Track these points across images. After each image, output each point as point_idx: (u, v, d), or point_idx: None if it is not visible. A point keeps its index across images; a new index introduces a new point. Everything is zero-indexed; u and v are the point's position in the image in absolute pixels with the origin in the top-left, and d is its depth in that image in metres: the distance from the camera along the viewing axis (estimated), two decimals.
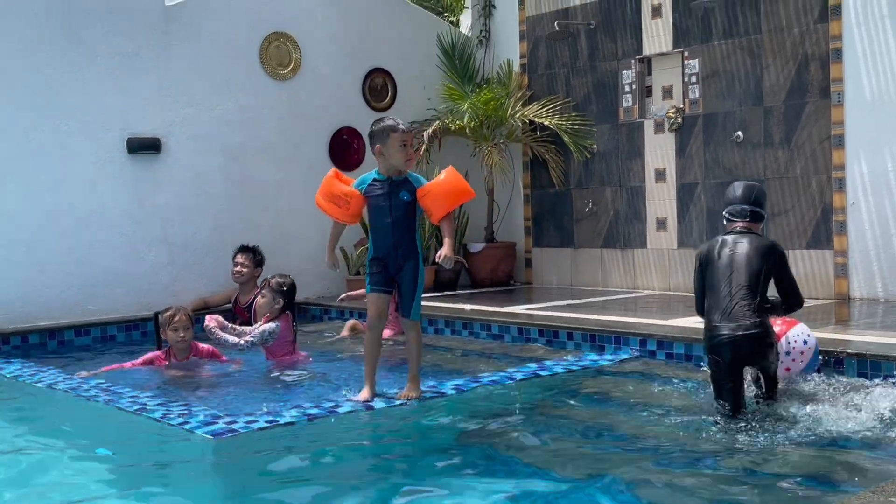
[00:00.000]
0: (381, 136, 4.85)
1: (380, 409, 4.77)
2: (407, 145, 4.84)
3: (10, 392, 5.67)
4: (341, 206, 4.93)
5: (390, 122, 4.88)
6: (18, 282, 7.35)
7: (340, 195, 4.92)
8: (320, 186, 5.00)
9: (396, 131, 4.83)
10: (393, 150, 4.82)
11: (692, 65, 8.28)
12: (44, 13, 7.50)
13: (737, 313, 4.33)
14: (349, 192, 4.91)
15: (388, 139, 4.82)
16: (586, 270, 9.16)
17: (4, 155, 7.33)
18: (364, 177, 4.99)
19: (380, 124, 4.90)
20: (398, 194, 4.87)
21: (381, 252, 4.92)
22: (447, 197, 4.93)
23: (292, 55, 8.87)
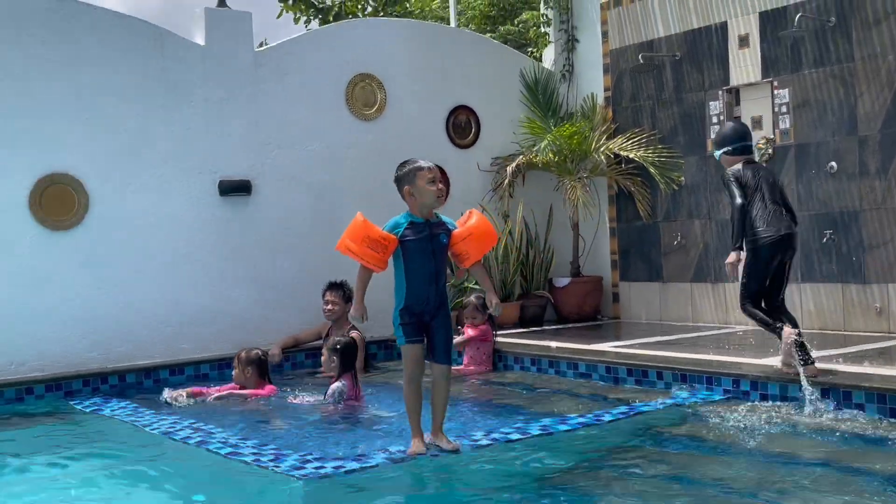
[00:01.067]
0: (408, 178, 4.73)
1: (464, 452, 4.74)
2: (436, 182, 4.72)
3: (106, 432, 5.84)
4: (379, 252, 4.69)
5: (415, 163, 4.77)
6: (116, 322, 7.59)
7: (379, 239, 4.68)
8: (348, 231, 4.75)
9: (423, 169, 4.72)
10: (422, 188, 4.69)
11: (782, 94, 8.10)
12: (142, 63, 7.79)
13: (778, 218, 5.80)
14: (387, 236, 4.69)
15: (415, 178, 4.70)
16: (676, 305, 8.99)
17: (105, 198, 7.61)
18: (395, 220, 4.78)
19: (404, 168, 4.79)
20: (439, 237, 4.74)
21: (418, 300, 4.71)
22: (483, 241, 4.84)
23: (377, 95, 9.01)
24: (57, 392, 7.01)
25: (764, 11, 8.21)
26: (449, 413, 5.87)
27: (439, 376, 4.80)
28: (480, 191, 9.58)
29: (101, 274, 7.56)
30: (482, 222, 4.84)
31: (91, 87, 7.57)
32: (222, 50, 8.21)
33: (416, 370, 4.74)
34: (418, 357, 4.75)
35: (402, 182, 4.76)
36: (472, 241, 4.78)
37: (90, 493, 4.45)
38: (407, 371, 4.77)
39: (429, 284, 4.72)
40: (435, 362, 4.80)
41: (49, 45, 7.40)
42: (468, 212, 4.93)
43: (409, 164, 4.78)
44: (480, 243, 4.82)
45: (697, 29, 8.76)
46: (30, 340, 7.21)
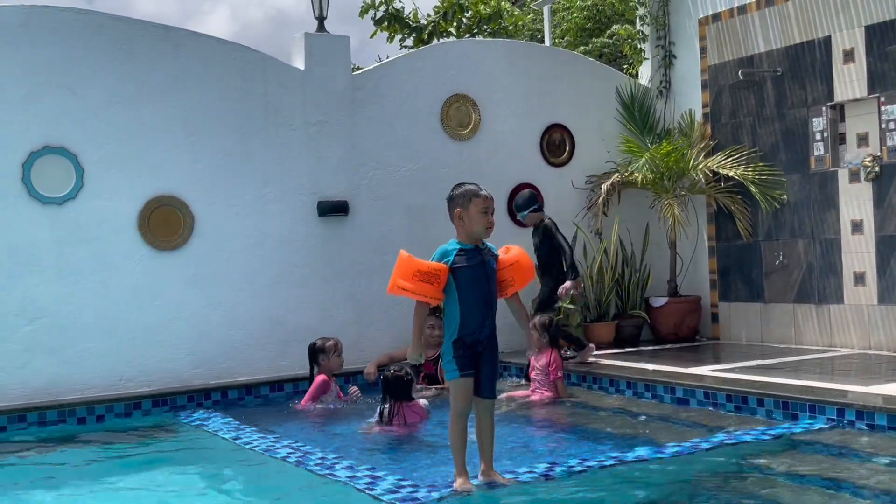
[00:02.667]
0: (462, 201, 4.60)
1: (558, 481, 4.72)
2: (489, 212, 4.58)
3: (208, 449, 6.03)
4: (433, 283, 4.53)
5: (472, 188, 4.64)
6: (219, 339, 7.83)
7: (431, 270, 4.52)
8: (397, 270, 4.60)
9: (479, 196, 4.58)
10: (474, 215, 4.56)
11: (889, 111, 7.81)
12: (244, 88, 8.04)
13: None
14: (438, 267, 4.54)
15: (469, 204, 4.57)
16: (778, 326, 8.74)
17: (209, 219, 7.87)
18: (443, 249, 4.62)
19: (461, 188, 4.66)
20: (490, 263, 4.62)
21: (472, 330, 4.56)
22: (526, 271, 4.73)
23: (472, 116, 9.07)
24: (163, 407, 7.26)
25: (870, 25, 7.95)
26: (538, 438, 5.89)
27: (485, 412, 4.62)
28: (574, 209, 9.52)
29: (205, 293, 7.82)
30: (525, 254, 4.78)
31: (196, 111, 7.85)
32: (321, 74, 8.40)
33: (466, 405, 4.58)
34: (470, 391, 4.57)
35: (454, 203, 4.63)
36: (518, 269, 4.68)
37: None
38: (457, 406, 4.58)
39: (484, 311, 4.59)
40: (481, 397, 4.61)
41: (157, 72, 7.71)
42: (506, 246, 4.81)
43: (466, 186, 4.66)
44: (525, 273, 4.71)
45: (800, 43, 8.53)
46: (137, 357, 7.50)
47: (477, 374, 4.59)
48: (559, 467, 4.88)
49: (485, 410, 4.62)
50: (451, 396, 4.63)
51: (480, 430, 4.62)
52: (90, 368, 7.30)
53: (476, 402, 4.60)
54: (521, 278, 4.70)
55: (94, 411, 7.03)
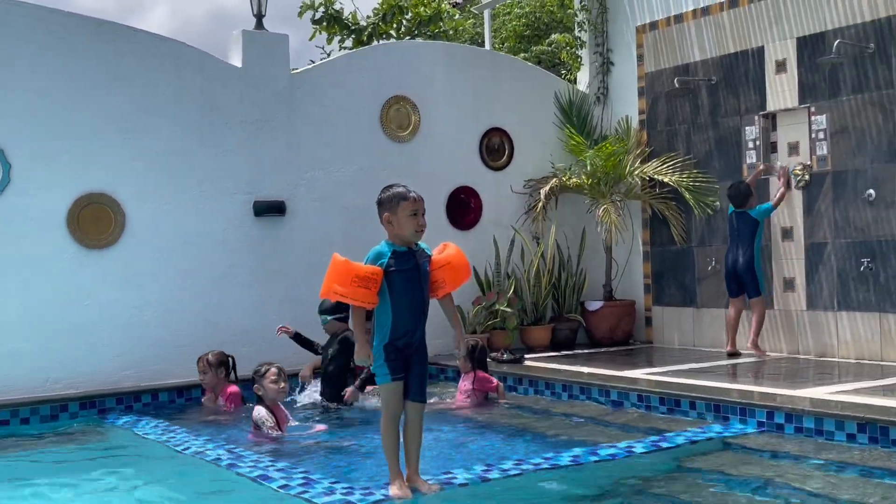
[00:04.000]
0: (389, 205, 4.47)
1: (496, 481, 4.72)
2: (418, 214, 4.45)
3: (137, 451, 5.89)
4: (371, 287, 4.39)
5: (400, 190, 4.49)
6: (151, 340, 7.66)
7: (368, 275, 4.38)
8: (331, 274, 4.44)
9: (407, 199, 4.44)
10: (403, 219, 4.43)
11: (819, 120, 8.02)
12: (180, 85, 7.90)
13: None
14: (375, 270, 4.39)
15: (397, 208, 4.44)
16: (710, 330, 8.89)
17: (141, 217, 7.71)
18: (377, 251, 4.50)
19: (389, 191, 4.51)
20: (424, 265, 4.51)
21: (404, 334, 4.47)
22: (460, 272, 4.60)
23: (411, 117, 9.05)
24: (91, 410, 7.08)
25: (801, 37, 8.15)
26: (480, 438, 5.89)
27: (414, 415, 4.53)
28: (513, 213, 9.57)
29: (136, 293, 7.65)
30: (459, 253, 4.64)
31: (130, 107, 7.68)
32: (259, 72, 8.30)
33: (398, 409, 4.50)
34: (400, 395, 4.50)
35: (382, 207, 4.50)
36: (449, 270, 4.55)
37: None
38: (389, 411, 4.50)
39: (417, 316, 4.50)
40: (411, 401, 4.53)
41: (90, 66, 7.52)
42: (443, 244, 4.70)
43: (394, 189, 4.51)
44: (457, 273, 4.58)
45: (734, 53, 8.70)
46: (65, 358, 7.30)
47: (406, 377, 4.53)
48: (495, 470, 4.87)
49: (414, 414, 4.55)
50: (382, 401, 4.57)
51: (408, 433, 4.55)
52: (15, 369, 7.08)
53: (406, 406, 4.54)
54: (453, 279, 4.58)
55: (18, 414, 6.81)
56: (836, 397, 5.90)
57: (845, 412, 5.42)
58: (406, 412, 4.55)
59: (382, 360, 4.50)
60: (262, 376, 6.06)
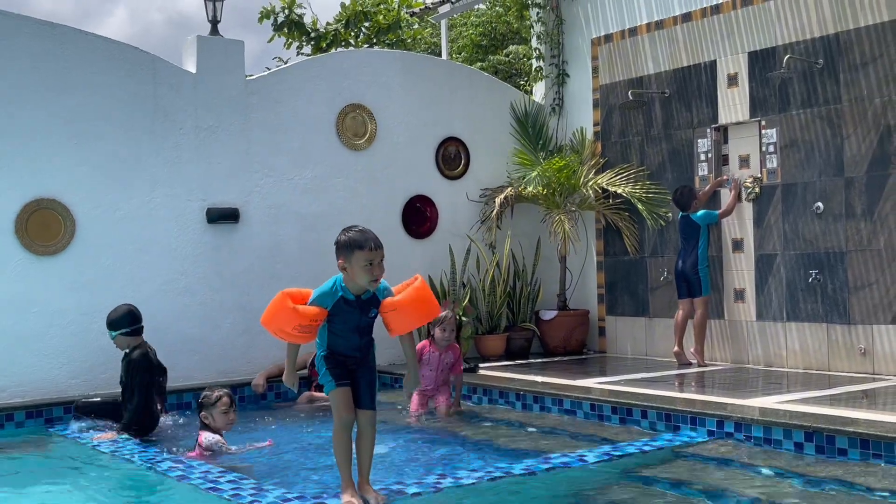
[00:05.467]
0: (344, 251, 4.31)
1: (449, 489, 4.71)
2: (374, 264, 4.29)
3: (86, 462, 5.78)
4: (311, 332, 4.38)
5: (356, 236, 4.30)
6: (99, 348, 7.52)
7: (312, 322, 4.35)
8: (278, 316, 4.38)
9: (363, 248, 4.27)
10: (357, 268, 4.29)
11: (770, 134, 8.16)
12: (132, 90, 7.80)
13: None
14: (317, 316, 4.35)
15: (352, 256, 4.29)
16: (662, 340, 8.98)
17: (91, 224, 7.58)
18: (326, 291, 4.39)
19: (346, 235, 4.34)
20: (368, 313, 4.46)
21: (342, 350, 4.48)
22: (414, 315, 4.47)
23: (368, 126, 9.04)
24: (38, 419, 6.94)
25: (753, 52, 8.29)
26: (435, 448, 5.88)
27: (366, 423, 4.50)
28: (469, 222, 9.60)
29: (86, 300, 7.52)
30: (415, 296, 4.44)
31: (79, 112, 7.57)
32: (213, 78, 8.23)
33: (348, 417, 4.45)
34: (349, 401, 4.45)
35: (338, 251, 4.35)
36: (397, 315, 4.42)
37: None
38: (339, 418, 4.44)
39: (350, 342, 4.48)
40: (360, 408, 4.50)
41: (37, 69, 7.40)
42: (414, 277, 4.58)
43: (351, 233, 4.33)
44: (408, 317, 4.45)
45: (687, 67, 8.83)
46: (10, 366, 7.15)
47: (354, 387, 4.50)
48: (448, 479, 4.87)
49: (366, 422, 4.52)
50: (333, 409, 4.51)
51: (360, 442, 4.52)
52: None
53: (357, 415, 4.50)
54: (400, 323, 4.47)
55: None
56: (784, 406, 5.99)
57: (793, 421, 5.51)
58: (358, 420, 4.51)
59: (325, 369, 4.49)
60: (212, 405, 5.78)
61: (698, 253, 8.19)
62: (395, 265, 9.11)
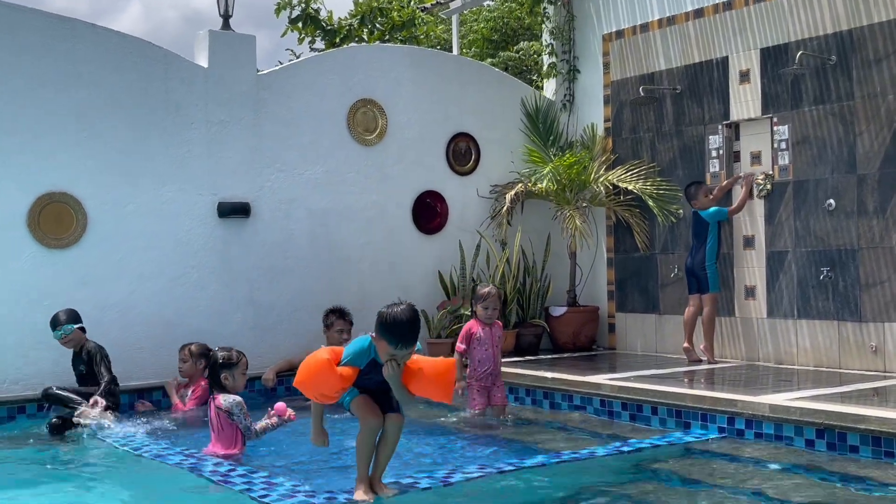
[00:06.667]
0: (378, 330, 4.28)
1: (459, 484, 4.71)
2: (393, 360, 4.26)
3: (98, 455, 5.81)
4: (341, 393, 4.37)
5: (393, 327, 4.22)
6: (111, 341, 7.51)
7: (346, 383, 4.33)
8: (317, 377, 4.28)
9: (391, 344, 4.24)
10: (381, 351, 4.31)
11: (781, 131, 8.13)
12: (144, 84, 7.81)
13: None
14: (352, 374, 4.34)
15: (381, 339, 4.28)
16: (672, 337, 8.96)
17: (103, 217, 7.61)
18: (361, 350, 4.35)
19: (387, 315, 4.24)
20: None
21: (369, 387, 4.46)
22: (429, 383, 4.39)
23: (378, 121, 9.04)
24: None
25: (765, 48, 8.26)
26: (442, 442, 5.89)
27: (393, 427, 4.49)
28: (479, 218, 9.59)
29: (97, 293, 7.55)
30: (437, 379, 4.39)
31: (91, 106, 7.59)
32: (224, 72, 8.24)
33: (376, 422, 4.42)
34: (374, 406, 4.43)
35: (379, 326, 4.29)
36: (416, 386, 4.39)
37: None
38: (367, 425, 4.42)
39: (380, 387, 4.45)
40: (389, 412, 4.49)
41: (50, 63, 7.42)
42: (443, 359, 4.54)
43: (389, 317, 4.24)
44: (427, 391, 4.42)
45: (698, 63, 8.80)
46: (23, 358, 7.18)
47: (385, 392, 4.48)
48: (457, 474, 4.87)
49: (393, 425, 4.49)
50: (360, 418, 4.45)
51: (382, 443, 4.50)
52: None
53: (385, 418, 4.46)
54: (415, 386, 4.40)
55: None
56: (795, 403, 5.98)
57: (804, 418, 5.49)
58: (385, 425, 4.47)
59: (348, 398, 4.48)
60: (235, 366, 5.63)
61: (706, 250, 8.17)
62: (405, 261, 9.18)
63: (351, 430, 5.96)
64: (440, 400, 4.57)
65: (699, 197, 8.24)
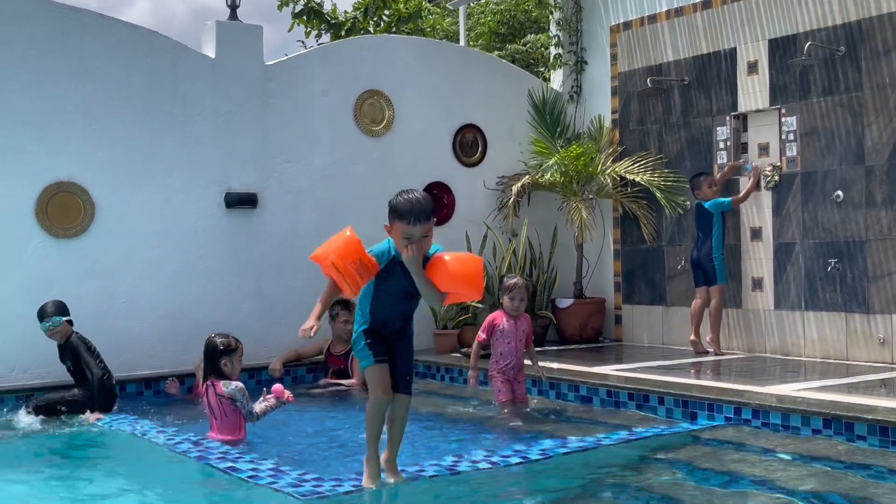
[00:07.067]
0: (390, 216, 4.23)
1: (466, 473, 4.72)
2: (411, 241, 4.14)
3: (105, 443, 5.83)
4: (364, 278, 4.18)
5: (401, 204, 4.17)
6: (118, 331, 7.59)
7: (369, 265, 4.17)
8: (338, 246, 4.16)
9: (402, 220, 4.15)
10: (396, 237, 4.21)
11: (789, 122, 8.11)
12: (151, 74, 7.82)
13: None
14: (374, 263, 4.20)
15: (393, 223, 4.21)
16: (678, 329, 8.95)
17: (111, 207, 7.63)
18: (382, 248, 4.27)
19: (395, 199, 4.23)
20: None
21: (383, 321, 4.35)
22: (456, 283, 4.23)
23: (385, 112, 9.03)
24: None
25: (773, 39, 8.23)
26: (448, 433, 5.89)
27: (400, 408, 4.46)
28: (485, 209, 9.59)
29: (105, 283, 7.57)
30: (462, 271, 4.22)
31: (99, 96, 7.60)
32: (232, 63, 8.24)
33: (385, 399, 4.36)
34: (387, 381, 4.35)
35: (389, 212, 4.25)
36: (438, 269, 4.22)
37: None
38: (375, 397, 4.36)
39: (395, 308, 4.36)
40: (397, 392, 4.43)
41: (59, 54, 7.43)
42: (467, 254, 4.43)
43: (400, 200, 4.20)
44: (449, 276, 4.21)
45: (706, 54, 8.77)
46: (31, 347, 7.19)
47: (392, 368, 4.41)
48: (465, 462, 4.88)
49: (401, 406, 4.49)
50: (370, 386, 4.44)
51: (392, 426, 4.50)
52: None
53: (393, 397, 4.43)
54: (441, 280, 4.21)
55: None
56: (802, 394, 5.97)
57: (811, 408, 5.49)
58: (392, 405, 4.45)
59: (363, 343, 4.38)
60: (234, 352, 5.70)
61: (713, 241, 8.15)
62: None
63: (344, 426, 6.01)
64: (468, 295, 4.32)
65: (703, 188, 8.23)
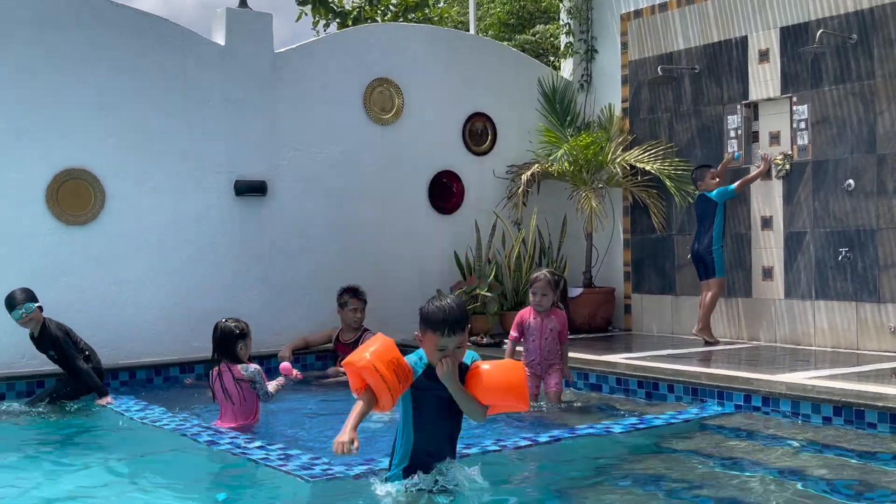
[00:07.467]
0: (421, 325, 3.82)
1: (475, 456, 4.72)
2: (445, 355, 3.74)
3: (116, 429, 5.85)
4: (402, 383, 3.74)
5: (433, 313, 3.76)
6: (127, 318, 7.61)
7: (407, 370, 3.77)
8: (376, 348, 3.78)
9: (435, 332, 3.74)
10: (428, 348, 3.82)
11: (801, 110, 8.07)
12: (162, 62, 7.83)
13: None
14: (410, 369, 3.80)
15: (425, 333, 3.81)
16: (688, 318, 8.93)
17: (121, 194, 7.64)
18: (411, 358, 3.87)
19: (427, 306, 3.82)
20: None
21: (429, 453, 3.86)
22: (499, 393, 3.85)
23: (395, 100, 9.02)
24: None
25: (785, 27, 8.18)
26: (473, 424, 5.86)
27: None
28: (495, 198, 9.57)
29: (114, 270, 7.59)
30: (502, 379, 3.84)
31: (110, 83, 7.61)
32: (242, 51, 8.24)
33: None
34: None
35: (420, 321, 3.85)
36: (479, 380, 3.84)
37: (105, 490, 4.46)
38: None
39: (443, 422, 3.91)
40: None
41: (70, 41, 7.44)
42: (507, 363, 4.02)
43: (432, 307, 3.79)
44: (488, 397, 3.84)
45: (717, 42, 8.73)
46: None
47: None
48: (475, 448, 4.88)
49: None
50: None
51: None
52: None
53: None
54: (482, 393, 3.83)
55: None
56: (812, 382, 5.95)
57: (822, 396, 5.47)
58: None
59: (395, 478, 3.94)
60: (248, 336, 5.70)
61: (713, 233, 8.10)
62: (421, 240, 9.18)
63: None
64: (515, 406, 3.93)
65: (705, 179, 8.19)
